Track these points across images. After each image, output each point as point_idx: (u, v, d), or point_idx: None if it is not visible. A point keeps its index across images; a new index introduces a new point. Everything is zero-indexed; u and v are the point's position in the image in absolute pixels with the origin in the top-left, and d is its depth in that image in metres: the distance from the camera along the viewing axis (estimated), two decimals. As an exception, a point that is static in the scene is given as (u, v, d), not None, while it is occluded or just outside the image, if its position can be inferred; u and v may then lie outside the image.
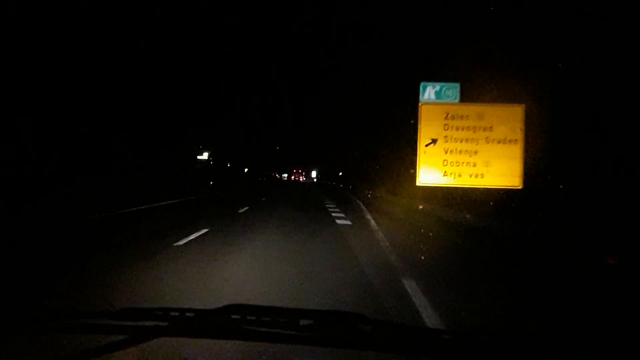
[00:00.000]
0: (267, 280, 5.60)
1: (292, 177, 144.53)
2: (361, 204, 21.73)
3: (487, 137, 6.76)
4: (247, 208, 16.90)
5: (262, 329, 1.59)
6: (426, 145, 6.91)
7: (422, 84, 7.06)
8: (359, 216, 15.51)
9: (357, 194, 31.44)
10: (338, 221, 13.37)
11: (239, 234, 9.41)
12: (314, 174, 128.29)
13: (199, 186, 33.57)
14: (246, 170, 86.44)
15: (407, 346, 1.58)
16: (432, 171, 6.90)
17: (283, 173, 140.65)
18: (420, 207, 14.12)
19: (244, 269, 6.16)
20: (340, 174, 64.66)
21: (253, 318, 1.66)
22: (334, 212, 17.04)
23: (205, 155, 64.04)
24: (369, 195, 26.40)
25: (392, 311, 4.40)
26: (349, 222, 13.11)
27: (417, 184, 7.08)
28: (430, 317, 4.20)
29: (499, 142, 6.73)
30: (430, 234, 10.01)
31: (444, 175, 6.86)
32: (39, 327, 1.67)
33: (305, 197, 30.41)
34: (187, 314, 1.68)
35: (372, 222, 13.32)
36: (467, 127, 6.83)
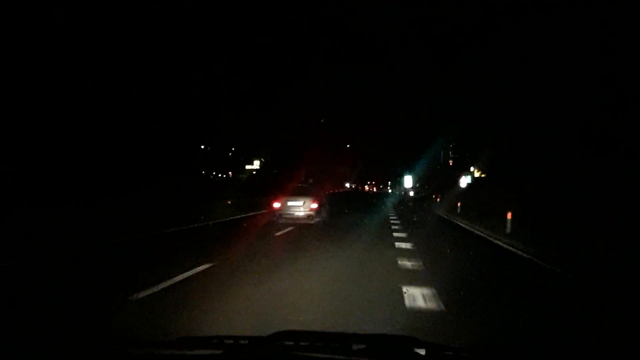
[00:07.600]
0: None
1: (359, 187, 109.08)
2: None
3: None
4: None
5: (315, 355, 1.59)
6: None
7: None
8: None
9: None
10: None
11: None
12: (408, 182, 67.96)
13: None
14: (310, 181, 77.16)
15: None
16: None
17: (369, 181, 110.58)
18: None
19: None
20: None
21: (306, 344, 1.66)
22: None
23: (256, 164, 61.60)
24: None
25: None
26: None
27: None
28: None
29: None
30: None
31: None
32: (104, 356, 1.72)
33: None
34: (240, 341, 1.70)
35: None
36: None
